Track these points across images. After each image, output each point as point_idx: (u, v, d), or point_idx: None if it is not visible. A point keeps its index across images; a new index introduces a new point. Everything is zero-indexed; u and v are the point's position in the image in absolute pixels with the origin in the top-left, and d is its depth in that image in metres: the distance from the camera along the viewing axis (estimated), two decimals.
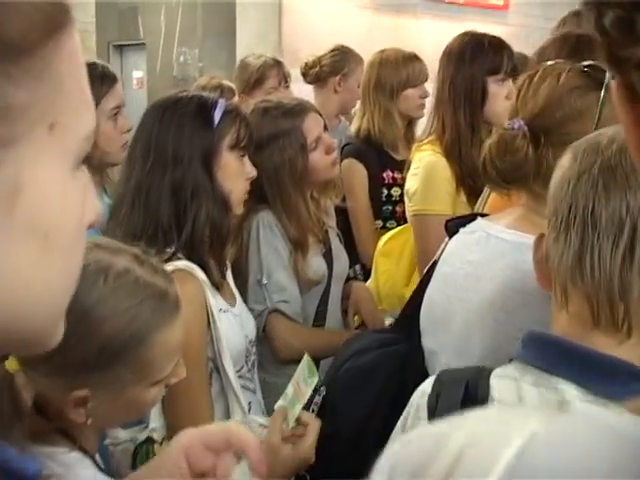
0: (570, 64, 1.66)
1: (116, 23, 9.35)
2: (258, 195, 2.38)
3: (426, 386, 1.36)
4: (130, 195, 1.93)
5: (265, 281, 2.38)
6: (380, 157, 3.43)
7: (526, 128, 1.59)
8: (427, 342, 1.79)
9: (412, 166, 2.81)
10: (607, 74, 1.60)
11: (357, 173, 3.33)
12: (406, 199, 2.82)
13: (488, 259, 1.65)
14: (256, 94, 3.66)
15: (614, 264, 1.10)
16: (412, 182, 2.76)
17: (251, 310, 2.26)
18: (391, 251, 3.05)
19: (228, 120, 1.99)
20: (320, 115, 2.57)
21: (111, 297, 1.25)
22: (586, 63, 1.64)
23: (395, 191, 3.44)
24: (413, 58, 3.50)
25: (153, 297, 1.30)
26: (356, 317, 2.81)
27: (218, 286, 1.98)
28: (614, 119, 1.59)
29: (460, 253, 1.75)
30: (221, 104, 2.00)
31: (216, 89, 4.09)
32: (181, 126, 1.95)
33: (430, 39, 7.82)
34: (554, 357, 1.17)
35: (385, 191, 3.44)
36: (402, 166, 3.38)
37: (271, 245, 2.41)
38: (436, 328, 1.75)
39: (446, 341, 1.71)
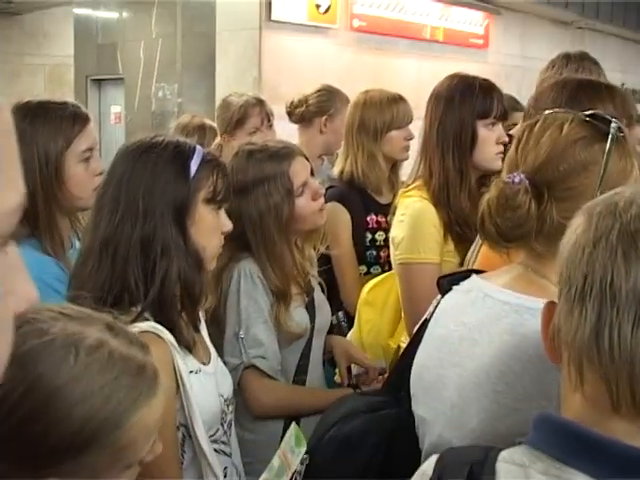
0: (572, 113, 1.58)
1: (94, 57, 9.25)
2: (240, 243, 2.27)
3: (427, 467, 1.24)
4: (97, 248, 1.80)
5: (242, 335, 2.28)
6: (364, 200, 3.36)
7: (527, 182, 1.50)
8: (418, 409, 1.67)
9: (398, 212, 2.72)
10: (612, 124, 1.55)
11: (341, 217, 3.24)
12: (392, 247, 2.73)
13: (484, 322, 1.55)
14: (238, 134, 3.58)
15: (635, 343, 0.99)
16: (398, 229, 2.68)
17: (226, 363, 2.16)
18: (375, 300, 2.96)
19: (205, 171, 1.86)
20: (307, 159, 2.49)
21: (83, 375, 1.11)
22: (588, 112, 1.56)
23: (379, 235, 3.36)
24: (398, 99, 3.43)
25: (130, 373, 1.16)
26: (337, 374, 2.71)
27: (189, 347, 1.85)
28: (620, 172, 1.55)
29: (454, 313, 1.64)
30: (199, 153, 1.87)
31: (198, 129, 4.01)
32: (154, 175, 1.81)
33: (411, 77, 7.80)
34: (568, 445, 1.05)
35: (369, 235, 3.36)
36: (386, 210, 3.32)
37: (251, 297, 2.31)
38: (428, 395, 1.64)
39: (439, 409, 1.59)
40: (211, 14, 7.21)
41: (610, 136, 1.51)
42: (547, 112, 1.61)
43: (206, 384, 1.88)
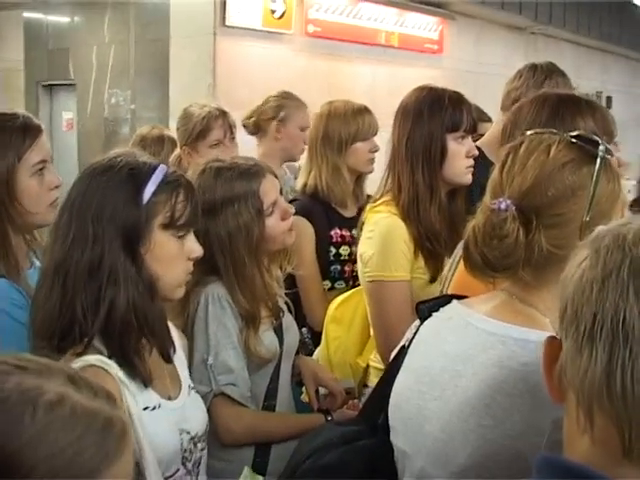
0: (558, 134, 1.53)
1: (45, 62, 9.07)
2: (208, 265, 2.19)
3: None
4: (50, 273, 1.72)
5: (211, 361, 2.20)
6: (328, 214, 3.31)
7: (514, 209, 1.45)
8: (398, 441, 1.61)
9: (366, 228, 2.67)
10: (600, 146, 1.49)
11: (304, 231, 3.18)
12: (360, 264, 2.67)
13: (468, 352, 1.49)
14: (200, 147, 3.47)
15: None
16: (367, 246, 2.62)
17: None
18: (342, 317, 2.91)
19: (163, 195, 1.77)
20: (276, 177, 2.42)
21: (43, 436, 0.98)
22: (575, 134, 1.51)
23: (344, 250, 3.31)
24: (363, 110, 3.37)
25: (95, 429, 1.03)
26: (303, 393, 2.64)
27: (146, 380, 1.75)
28: (609, 195, 1.49)
29: (434, 343, 1.58)
30: (158, 175, 1.77)
31: (156, 140, 3.90)
32: (104, 199, 1.73)
33: (366, 83, 7.77)
34: None
35: (333, 250, 3.30)
36: (351, 223, 3.29)
37: (220, 322, 2.23)
38: (408, 428, 1.57)
39: (421, 443, 1.53)
40: (165, 19, 7.11)
41: (598, 158, 1.47)
42: (531, 133, 1.56)
43: (164, 421, 1.77)
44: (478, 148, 2.74)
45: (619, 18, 12.11)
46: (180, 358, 1.96)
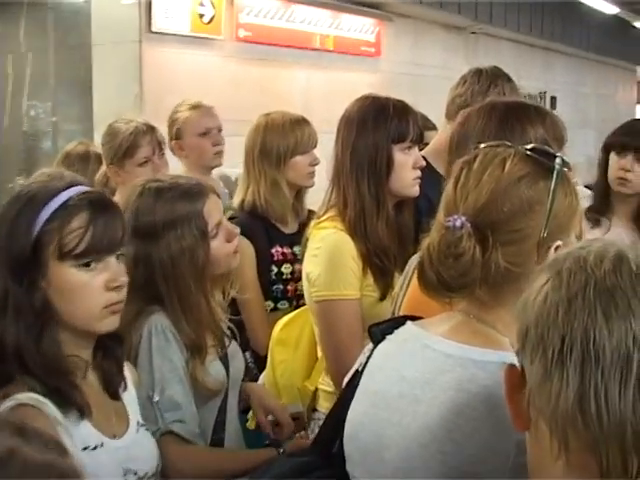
0: (513, 147, 1.56)
1: None
2: (149, 293, 2.19)
3: None
4: None
5: (157, 398, 2.17)
6: (268, 231, 3.32)
7: (470, 226, 1.48)
8: (355, 471, 1.62)
9: (311, 245, 2.69)
10: (556, 159, 1.53)
11: (245, 251, 3.16)
12: (306, 283, 2.69)
13: (426, 376, 1.51)
14: (127, 165, 3.44)
15: (624, 406, 0.96)
16: (314, 264, 2.64)
17: None
18: (288, 339, 2.91)
19: (56, 222, 1.76)
20: (219, 197, 2.42)
21: None
22: (530, 147, 1.56)
23: (286, 268, 3.33)
24: (301, 122, 3.40)
25: None
26: (249, 419, 2.65)
27: (82, 409, 1.74)
28: (566, 210, 1.52)
29: (391, 367, 1.59)
30: (55, 201, 1.76)
31: (80, 158, 3.86)
32: (3, 228, 1.76)
33: (301, 89, 7.80)
34: None
35: (275, 269, 3.32)
36: (292, 240, 3.32)
37: (165, 356, 2.21)
38: (366, 457, 1.58)
39: (380, 472, 1.55)
40: (86, 25, 7.02)
41: (555, 172, 1.51)
42: (484, 146, 1.59)
43: (106, 461, 1.76)
44: (423, 158, 2.78)
45: (561, 15, 12.33)
46: (131, 394, 1.94)
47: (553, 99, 13.58)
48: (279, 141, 3.32)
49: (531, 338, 1.06)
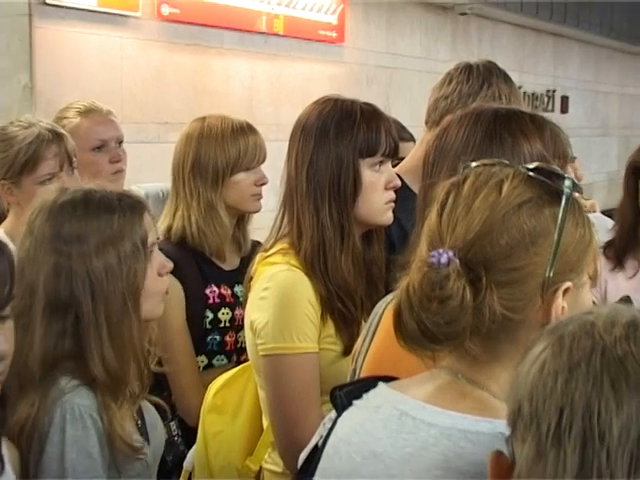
0: (511, 166, 1.63)
1: None
2: (64, 324, 2.30)
3: None
4: None
5: None
6: (201, 268, 3.38)
7: (458, 262, 1.53)
8: None
9: (258, 286, 2.73)
10: (565, 181, 1.59)
11: (170, 291, 3.19)
12: (249, 333, 2.74)
13: (405, 452, 1.56)
14: (25, 181, 3.38)
15: None
16: (261, 310, 2.69)
17: None
18: (225, 405, 2.95)
19: None
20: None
21: None
22: (533, 165, 1.62)
23: (224, 314, 3.38)
24: (246, 129, 3.46)
25: None
26: None
27: None
28: (577, 244, 1.59)
29: (360, 441, 1.64)
30: None
31: None
32: None
33: (242, 83, 7.81)
34: None
35: (210, 315, 3.37)
36: (231, 279, 3.39)
37: (82, 449, 2.24)
38: None
39: None
40: None
41: (564, 197, 1.57)
42: (477, 165, 1.66)
43: None
44: (398, 176, 2.84)
45: None
46: (9, 477, 1.99)
47: (564, 100, 13.72)
48: (217, 154, 3.38)
49: (524, 415, 1.12)
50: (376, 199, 2.74)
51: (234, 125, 3.45)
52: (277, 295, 2.67)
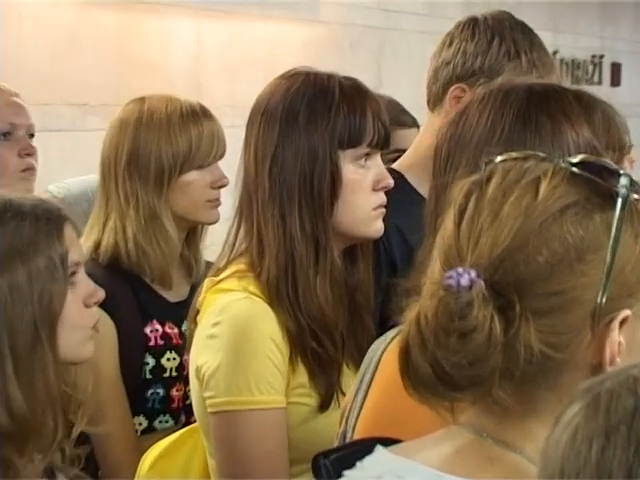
0: (549, 159, 1.65)
1: None
2: None
3: None
4: None
5: None
6: (140, 298, 3.42)
7: (483, 285, 1.54)
8: None
9: (206, 321, 2.75)
10: (621, 178, 1.62)
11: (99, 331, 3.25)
12: (195, 382, 2.76)
13: None
14: None
15: None
16: (209, 352, 2.72)
17: None
18: (165, 477, 2.97)
19: None
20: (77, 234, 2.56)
21: None
22: (577, 159, 1.63)
23: (169, 360, 3.43)
24: (199, 114, 3.50)
25: None
26: None
27: None
28: (637, 261, 1.59)
29: None
30: None
31: None
32: None
33: (185, 52, 7.82)
34: None
35: (151, 361, 3.41)
36: (180, 313, 3.32)
37: None
38: None
39: None
40: None
41: (619, 199, 1.58)
42: (503, 158, 1.68)
43: None
44: (394, 173, 2.91)
45: None
46: None
47: (615, 68, 13.72)
48: (162, 146, 3.42)
49: None
50: (361, 203, 2.78)
51: (183, 108, 3.49)
52: (231, 332, 2.69)
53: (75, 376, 2.58)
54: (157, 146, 3.42)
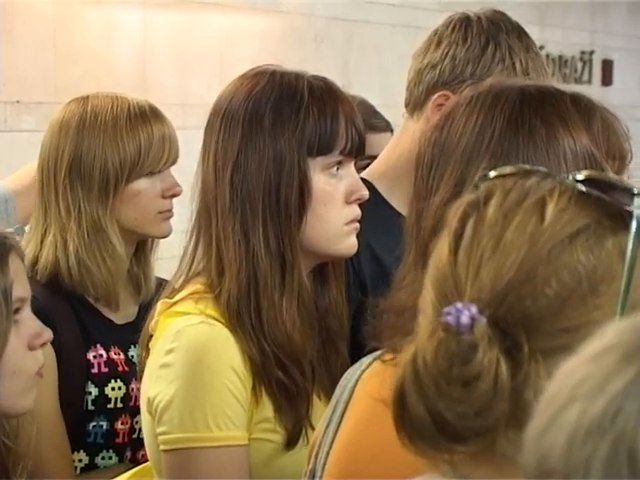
0: (554, 177, 1.63)
1: None
2: None
3: None
4: None
5: None
6: (81, 320, 3.42)
7: (486, 322, 1.51)
8: None
9: (159, 347, 2.76)
10: (635, 199, 1.59)
11: None
12: (146, 416, 2.77)
13: None
14: None
15: None
16: (162, 383, 2.71)
17: None
18: None
19: None
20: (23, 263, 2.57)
21: None
22: (583, 175, 1.61)
23: (114, 390, 3.42)
24: (148, 115, 3.52)
25: None
26: None
27: None
28: None
29: None
30: None
31: None
32: None
33: (132, 44, 7.84)
34: None
35: (93, 390, 3.40)
36: (126, 337, 3.37)
37: None
38: None
39: None
40: None
41: (634, 222, 1.55)
42: (499, 173, 1.67)
43: None
44: (364, 183, 2.90)
45: None
46: None
47: (607, 65, 13.78)
48: (107, 151, 3.42)
49: None
50: (332, 217, 2.79)
51: (131, 109, 3.50)
52: (186, 360, 2.69)
53: (17, 427, 2.57)
54: (102, 151, 3.43)
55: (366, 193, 2.83)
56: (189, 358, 2.68)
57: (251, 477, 2.67)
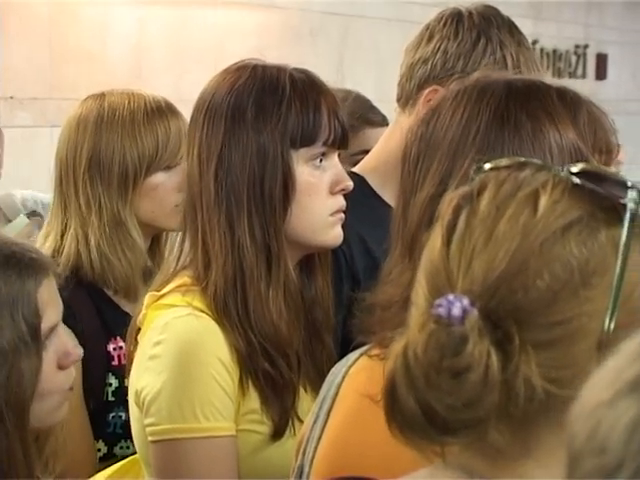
0: (548, 169, 1.67)
1: None
2: None
3: None
4: None
5: None
6: (103, 313, 3.49)
7: (477, 314, 1.53)
8: None
9: (147, 340, 2.83)
10: (629, 192, 1.66)
11: None
12: (134, 409, 2.84)
13: None
14: None
15: None
16: (149, 375, 2.79)
17: None
18: None
19: None
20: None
21: None
22: (577, 168, 1.63)
23: None
24: (164, 110, 3.59)
25: None
26: None
27: None
28: None
29: None
30: None
31: None
32: None
33: (128, 42, 7.88)
34: None
35: (113, 381, 3.47)
36: None
37: None
38: None
39: None
40: None
41: (627, 214, 1.58)
42: (493, 166, 1.70)
43: None
44: (355, 177, 3.00)
45: None
46: None
47: (601, 59, 13.76)
48: (126, 147, 3.48)
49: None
50: (317, 208, 2.86)
51: (148, 104, 3.57)
52: (173, 352, 2.75)
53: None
54: (120, 146, 3.48)
55: (350, 184, 2.87)
56: (177, 350, 2.74)
57: (238, 469, 2.71)
